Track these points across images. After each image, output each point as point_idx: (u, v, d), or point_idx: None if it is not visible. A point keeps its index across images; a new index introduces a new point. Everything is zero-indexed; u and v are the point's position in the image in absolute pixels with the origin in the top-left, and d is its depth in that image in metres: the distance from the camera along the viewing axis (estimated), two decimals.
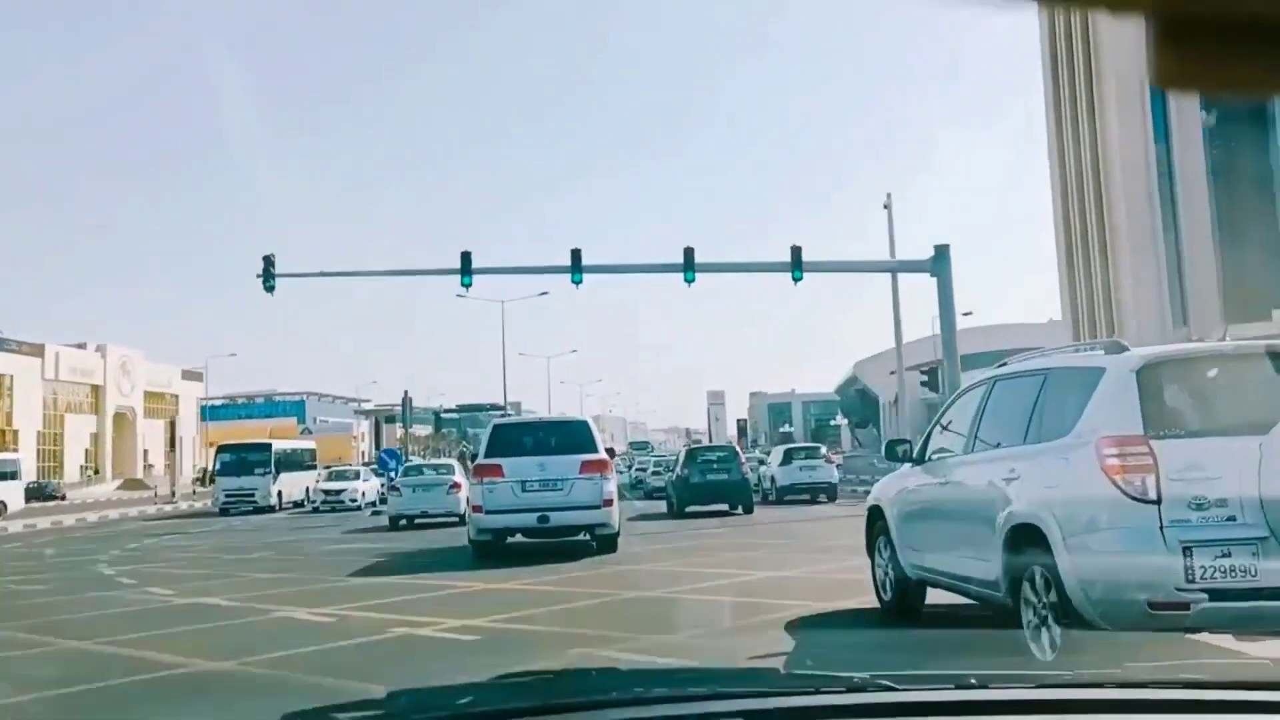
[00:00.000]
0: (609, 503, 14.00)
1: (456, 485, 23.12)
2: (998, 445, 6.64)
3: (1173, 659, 3.49)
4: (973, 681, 1.84)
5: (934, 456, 7.67)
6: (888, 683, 1.82)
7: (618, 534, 14.47)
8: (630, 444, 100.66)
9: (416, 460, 36.64)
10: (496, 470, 13.98)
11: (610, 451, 15.08)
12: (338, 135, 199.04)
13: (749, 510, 23.73)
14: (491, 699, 1.98)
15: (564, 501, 13.84)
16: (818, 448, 33.03)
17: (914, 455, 7.99)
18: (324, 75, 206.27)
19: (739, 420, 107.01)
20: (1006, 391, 6.89)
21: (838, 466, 30.03)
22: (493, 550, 14.03)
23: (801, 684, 1.97)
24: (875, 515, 8.44)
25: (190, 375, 77.05)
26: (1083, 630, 5.34)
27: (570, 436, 14.55)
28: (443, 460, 33.99)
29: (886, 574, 8.11)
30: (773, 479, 29.31)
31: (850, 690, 1.81)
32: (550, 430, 15.22)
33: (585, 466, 13.98)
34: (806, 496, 28.33)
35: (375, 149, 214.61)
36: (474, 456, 16.87)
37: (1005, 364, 7.31)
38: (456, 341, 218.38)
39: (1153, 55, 0.74)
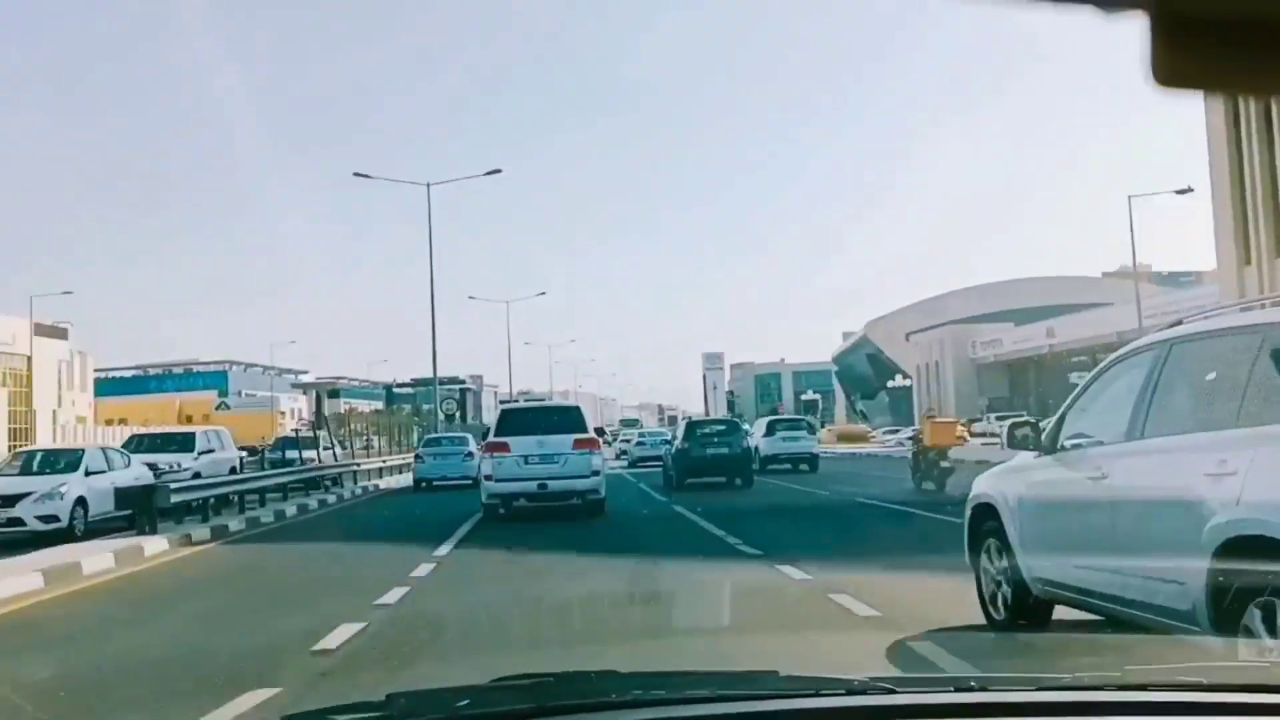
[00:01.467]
0: (597, 473, 16.96)
1: (471, 454, 26.54)
2: (1187, 430, 5.22)
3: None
4: (972, 684, 1.86)
5: (1070, 444, 6.30)
6: (887, 685, 1.84)
7: (604, 499, 17.17)
8: (621, 421, 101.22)
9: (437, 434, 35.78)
10: (504, 447, 16.82)
11: (600, 431, 18.85)
12: None
13: (749, 483, 24.37)
14: (490, 702, 2.01)
15: (560, 472, 16.69)
16: (800, 420, 36.58)
17: (1043, 442, 6.61)
18: None
19: (727, 393, 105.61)
20: (1194, 359, 5.43)
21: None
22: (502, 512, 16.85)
23: (800, 687, 1.96)
24: (984, 514, 7.01)
25: (50, 331, 55.85)
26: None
27: (565, 419, 17.77)
28: (459, 433, 34.72)
29: (999, 587, 6.74)
30: (756, 449, 30.64)
31: (849, 693, 1.83)
32: (549, 414, 18.85)
33: (577, 444, 16.84)
34: (788, 466, 30.81)
35: None
36: (485, 434, 20.09)
37: (1181, 322, 5.82)
38: (404, 297, 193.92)
39: (1153, 54, 0.75)
